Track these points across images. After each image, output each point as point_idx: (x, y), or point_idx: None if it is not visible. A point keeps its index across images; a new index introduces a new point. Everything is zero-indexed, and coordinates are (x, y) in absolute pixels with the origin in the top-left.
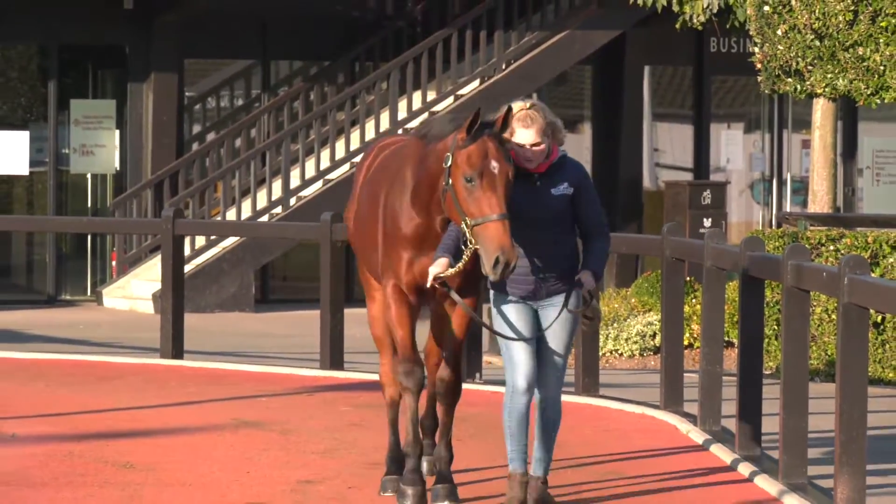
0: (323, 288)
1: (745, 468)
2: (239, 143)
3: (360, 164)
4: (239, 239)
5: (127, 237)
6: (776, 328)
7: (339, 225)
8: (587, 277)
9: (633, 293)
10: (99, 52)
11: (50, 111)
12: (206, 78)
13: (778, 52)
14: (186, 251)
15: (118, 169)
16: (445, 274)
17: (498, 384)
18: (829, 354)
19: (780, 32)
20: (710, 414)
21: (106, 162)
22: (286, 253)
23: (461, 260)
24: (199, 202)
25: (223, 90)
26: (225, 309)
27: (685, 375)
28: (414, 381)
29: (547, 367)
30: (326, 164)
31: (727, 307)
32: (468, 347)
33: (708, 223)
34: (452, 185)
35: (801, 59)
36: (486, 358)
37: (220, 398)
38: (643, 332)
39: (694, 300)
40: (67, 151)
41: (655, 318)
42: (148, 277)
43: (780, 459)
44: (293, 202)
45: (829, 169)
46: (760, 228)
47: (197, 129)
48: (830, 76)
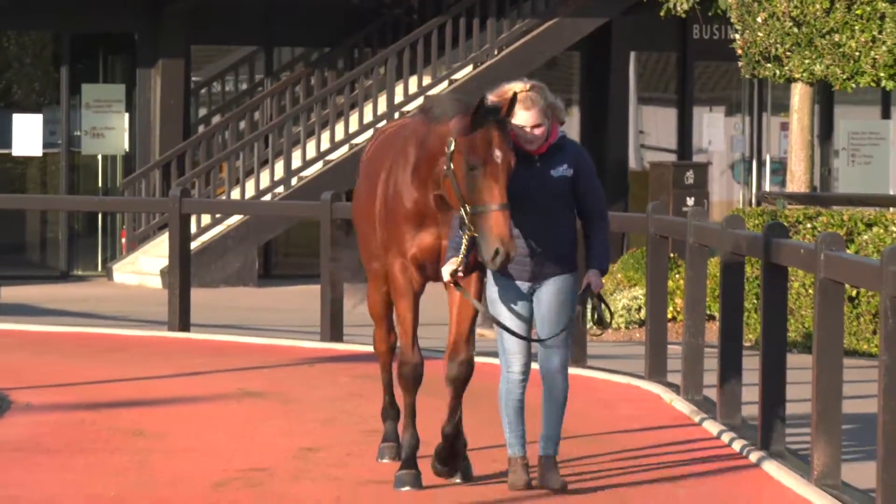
0: (323, 264)
1: (725, 436)
2: (243, 125)
3: (366, 150)
4: (243, 217)
5: (136, 215)
6: (755, 302)
7: (338, 204)
8: (595, 279)
9: (619, 269)
10: (109, 39)
11: (62, 95)
12: (211, 64)
13: (758, 38)
14: (193, 229)
15: (127, 150)
16: (459, 270)
17: (489, 355)
18: (805, 327)
19: (759, 20)
20: (692, 384)
21: (116, 144)
22: (288, 230)
23: (462, 247)
24: (204, 182)
25: (228, 75)
26: (229, 284)
27: (669, 347)
28: (412, 380)
29: (547, 344)
30: (326, 145)
31: (709, 282)
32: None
33: (691, 202)
34: (453, 170)
35: (779, 45)
36: (478, 331)
37: (225, 369)
38: (629, 305)
39: (677, 275)
40: (79, 134)
41: (641, 292)
42: (156, 254)
43: (759, 427)
44: (294, 182)
45: (806, 150)
46: (741, 207)
47: (203, 112)
48: (808, 62)
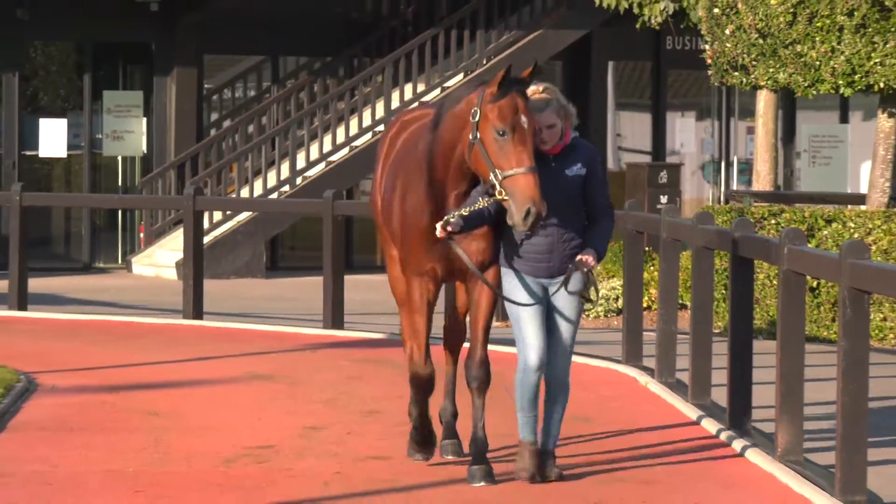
0: (325, 256)
1: (696, 414)
2: (251, 129)
3: (382, 138)
4: (252, 214)
5: (153, 212)
6: (724, 292)
7: (339, 202)
8: (588, 256)
9: None
10: (128, 48)
11: (85, 101)
12: (222, 71)
13: (726, 49)
14: (205, 224)
15: (145, 152)
16: (451, 221)
17: (492, 343)
18: (770, 315)
19: (728, 32)
20: (665, 367)
21: (134, 146)
22: (293, 226)
23: (470, 207)
24: (216, 181)
25: (237, 82)
26: (239, 275)
27: (644, 334)
28: (425, 386)
29: (555, 348)
30: (329, 147)
31: (681, 274)
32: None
33: (664, 200)
34: (481, 138)
35: (746, 55)
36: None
37: (235, 354)
38: (607, 295)
39: (652, 267)
40: (101, 137)
41: (618, 283)
42: (172, 248)
43: (727, 407)
44: (299, 181)
45: (770, 152)
46: (710, 205)
47: (214, 116)
48: (772, 70)
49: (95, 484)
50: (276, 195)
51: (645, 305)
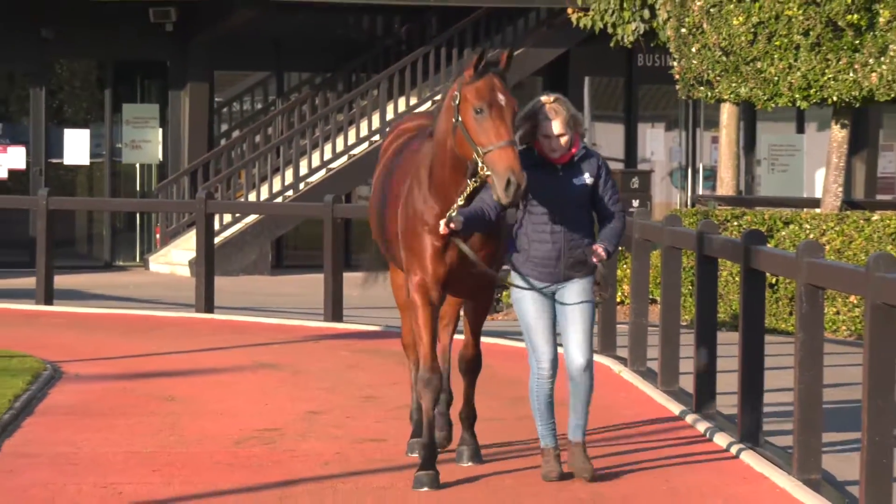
0: (326, 255)
1: (665, 400)
2: (258, 138)
3: (382, 147)
4: (258, 216)
5: (168, 215)
6: (691, 288)
7: (339, 205)
8: (599, 248)
9: None
10: (145, 65)
11: (106, 113)
12: (231, 86)
13: (692, 65)
14: (216, 226)
15: (161, 160)
16: (454, 214)
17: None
18: (733, 309)
19: (694, 50)
20: (637, 357)
21: (151, 154)
22: (296, 227)
23: (464, 194)
24: (226, 186)
25: (245, 96)
26: (247, 273)
27: (618, 326)
28: (432, 389)
29: (573, 343)
30: (329, 156)
31: (651, 271)
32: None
33: (636, 204)
34: (462, 120)
35: (711, 71)
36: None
37: (243, 345)
38: None
39: (625, 265)
40: (120, 146)
41: None
42: (185, 247)
43: (693, 393)
44: (302, 187)
45: (733, 160)
46: (678, 208)
47: (224, 127)
48: (734, 85)
49: (116, 464)
50: (280, 199)
51: (619, 300)
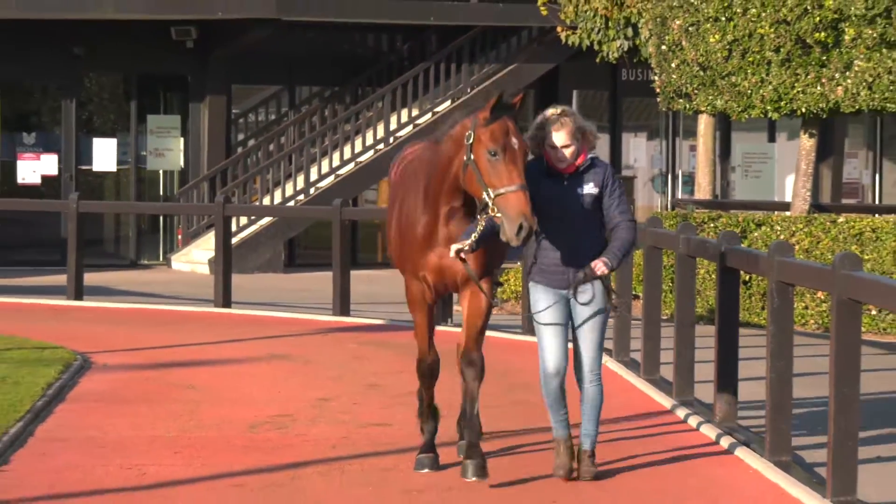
0: (334, 255)
1: (647, 388)
2: (272, 147)
3: (390, 180)
4: (272, 219)
5: (189, 217)
6: (671, 284)
7: (346, 209)
8: (598, 263)
9: None
10: (168, 79)
11: (132, 123)
12: (247, 99)
13: (672, 80)
14: (233, 228)
15: (182, 167)
16: (465, 248)
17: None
18: (710, 304)
19: (673, 65)
20: (622, 348)
21: (173, 161)
22: (307, 229)
23: (476, 231)
24: (242, 191)
25: (260, 108)
26: (262, 271)
27: None
28: (430, 376)
29: (584, 357)
30: (337, 163)
31: (634, 269)
32: (443, 299)
33: None
34: (475, 159)
35: (689, 85)
36: (455, 307)
37: (258, 337)
38: None
39: None
40: (145, 154)
41: None
42: (205, 247)
43: (673, 381)
44: (312, 191)
45: (709, 167)
46: (659, 211)
47: (241, 136)
48: (711, 98)
49: (141, 446)
50: (292, 203)
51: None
